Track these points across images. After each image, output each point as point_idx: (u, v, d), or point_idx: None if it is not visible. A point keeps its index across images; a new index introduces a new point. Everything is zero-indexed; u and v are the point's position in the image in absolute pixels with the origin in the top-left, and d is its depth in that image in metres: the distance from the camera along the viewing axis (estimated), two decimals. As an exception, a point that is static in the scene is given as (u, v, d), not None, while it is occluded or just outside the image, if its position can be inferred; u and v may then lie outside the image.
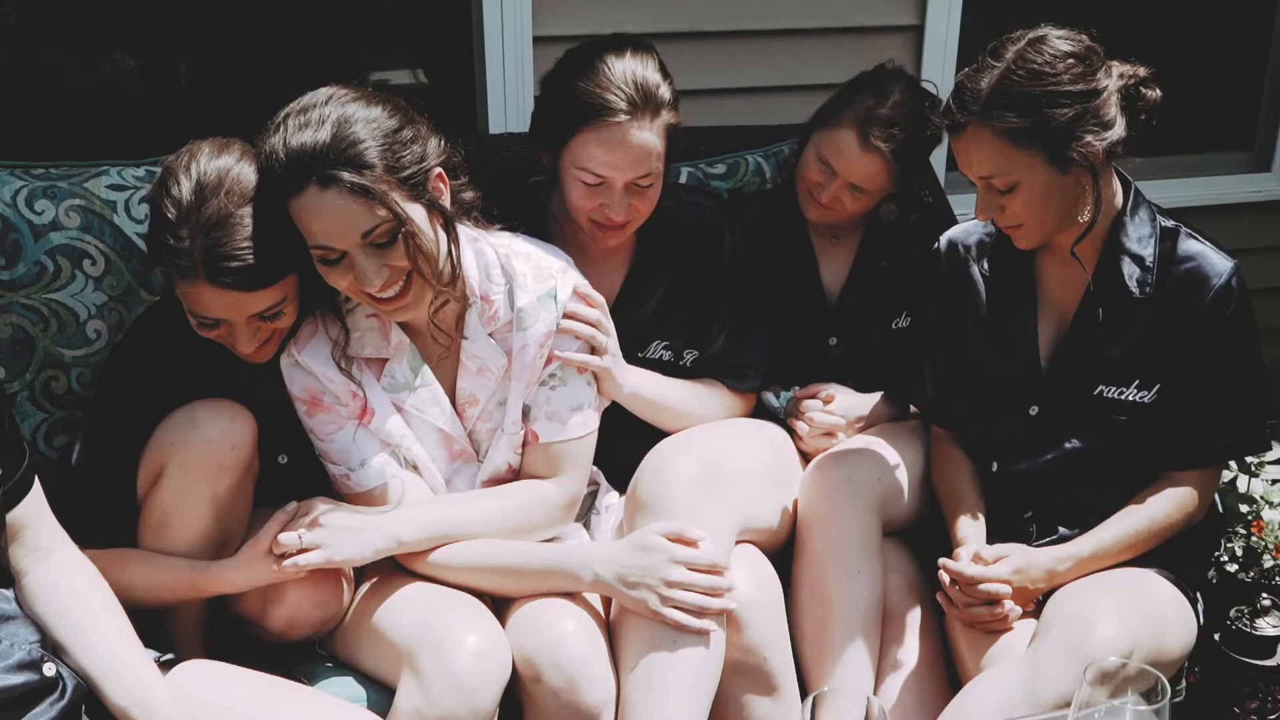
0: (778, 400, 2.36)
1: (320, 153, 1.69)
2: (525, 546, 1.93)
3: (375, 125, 1.74)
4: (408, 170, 1.75)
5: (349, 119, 1.72)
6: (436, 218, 1.82)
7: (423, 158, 1.79)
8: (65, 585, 1.70)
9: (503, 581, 1.90)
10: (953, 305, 2.13)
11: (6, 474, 1.64)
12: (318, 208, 1.71)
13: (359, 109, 1.74)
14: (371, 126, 1.73)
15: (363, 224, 1.72)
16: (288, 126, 1.72)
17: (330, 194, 1.70)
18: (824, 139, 2.27)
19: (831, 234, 2.45)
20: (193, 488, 1.83)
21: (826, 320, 2.43)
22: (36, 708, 1.57)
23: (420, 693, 1.72)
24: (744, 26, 2.91)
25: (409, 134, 1.78)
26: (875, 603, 2.01)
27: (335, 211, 1.71)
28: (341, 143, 1.70)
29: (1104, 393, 1.98)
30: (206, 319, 1.82)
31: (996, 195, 1.90)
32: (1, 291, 2.09)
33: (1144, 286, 1.95)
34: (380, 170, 1.72)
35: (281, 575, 1.82)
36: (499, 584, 1.91)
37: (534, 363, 1.97)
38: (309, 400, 1.93)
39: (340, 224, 1.72)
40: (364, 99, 1.77)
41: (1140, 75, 1.89)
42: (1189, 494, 1.98)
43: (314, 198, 1.71)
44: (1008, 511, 2.07)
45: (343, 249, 1.75)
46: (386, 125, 1.75)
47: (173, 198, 1.75)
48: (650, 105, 2.01)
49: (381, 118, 1.75)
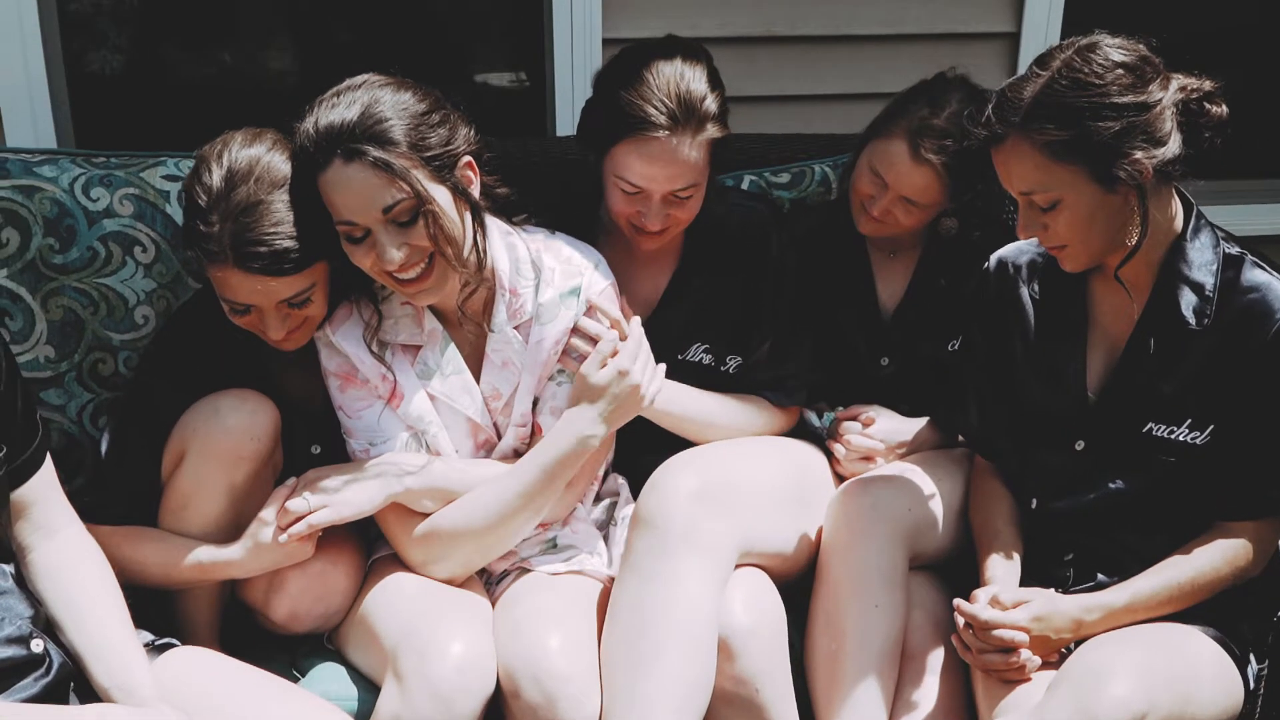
0: (819, 421, 2.27)
1: (347, 129, 1.73)
2: (514, 473, 1.92)
3: (403, 107, 1.77)
4: (433, 151, 1.78)
5: (377, 100, 1.76)
6: (462, 203, 1.83)
7: (449, 141, 1.81)
8: (66, 564, 1.74)
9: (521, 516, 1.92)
10: (999, 329, 2.00)
11: (13, 453, 1.69)
12: (342, 181, 1.74)
13: (389, 93, 1.78)
14: (399, 108, 1.77)
15: (384, 199, 1.74)
16: (320, 107, 1.77)
17: (354, 168, 1.73)
18: (876, 150, 2.18)
19: (889, 249, 2.34)
20: (211, 475, 1.86)
21: (879, 338, 2.33)
22: (21, 681, 1.61)
23: (400, 697, 1.70)
24: (823, 31, 2.82)
25: (437, 118, 1.80)
26: (892, 639, 1.91)
27: (358, 185, 1.74)
28: (368, 120, 1.74)
29: (1153, 431, 1.83)
30: (237, 305, 1.85)
31: (1039, 213, 1.77)
32: (54, 274, 2.16)
33: (1202, 317, 1.79)
34: (404, 148, 1.75)
35: (288, 551, 1.84)
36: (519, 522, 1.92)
37: (547, 358, 1.96)
38: (342, 376, 1.95)
39: (362, 198, 1.74)
40: (395, 84, 1.81)
41: (1205, 89, 1.74)
42: (1242, 546, 1.81)
43: (338, 171, 1.74)
44: (1047, 553, 1.94)
45: (366, 225, 1.77)
46: (415, 108, 1.78)
47: (204, 184, 1.79)
48: (693, 120, 1.96)
49: (411, 101, 1.79)
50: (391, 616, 1.82)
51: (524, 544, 2.02)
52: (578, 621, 1.83)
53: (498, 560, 2.02)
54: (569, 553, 2.02)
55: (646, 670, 1.74)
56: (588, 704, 1.73)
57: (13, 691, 1.59)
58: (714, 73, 2.06)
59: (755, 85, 2.83)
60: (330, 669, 1.91)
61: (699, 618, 1.78)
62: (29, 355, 2.17)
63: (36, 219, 2.15)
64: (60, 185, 2.17)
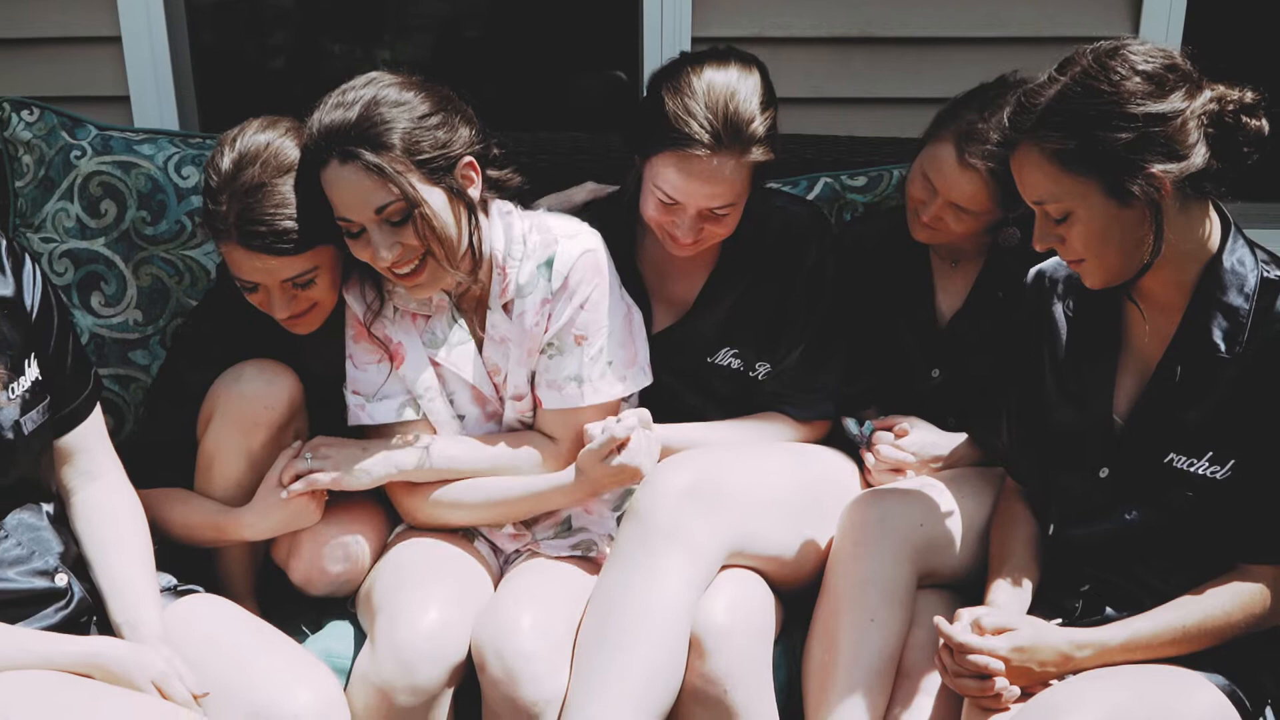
0: (858, 429, 2.22)
1: (345, 131, 1.81)
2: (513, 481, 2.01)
3: (402, 109, 1.83)
4: (427, 155, 1.83)
5: (378, 101, 1.82)
6: (458, 204, 1.87)
7: (447, 144, 1.85)
8: (101, 508, 1.89)
9: (498, 511, 2.03)
10: (1031, 345, 1.92)
11: (59, 403, 1.85)
12: (338, 181, 1.83)
13: (393, 93, 1.84)
14: (398, 110, 1.82)
15: (376, 200, 1.82)
16: (326, 104, 1.85)
17: (349, 169, 1.81)
18: (927, 154, 2.12)
19: (952, 257, 2.27)
20: (229, 438, 1.99)
21: (933, 349, 2.26)
22: (43, 611, 1.76)
23: (370, 658, 1.79)
24: (922, 33, 2.73)
25: (436, 121, 1.85)
26: (886, 655, 1.85)
27: (352, 186, 1.82)
28: (364, 123, 1.80)
29: (1174, 462, 1.72)
30: (246, 282, 1.96)
31: (1053, 224, 1.69)
32: (145, 245, 2.35)
33: (1233, 344, 1.67)
34: (399, 152, 1.81)
35: (294, 510, 1.96)
36: (495, 514, 2.04)
37: (532, 330, 1.99)
38: (358, 326, 2.04)
39: (356, 198, 1.82)
40: (401, 85, 1.87)
41: (1244, 101, 1.61)
42: (1258, 592, 1.67)
43: (335, 171, 1.83)
44: (1062, 582, 1.84)
45: (360, 223, 1.84)
46: (415, 110, 1.84)
47: (216, 166, 1.92)
48: (736, 142, 1.93)
49: (412, 103, 1.84)
50: (383, 583, 1.91)
51: (538, 523, 2.07)
52: (560, 604, 1.87)
53: (509, 540, 2.08)
54: (579, 535, 2.06)
55: (610, 656, 1.76)
56: (548, 683, 1.76)
57: (34, 619, 1.75)
58: (768, 91, 2.01)
59: (848, 87, 2.78)
60: (339, 628, 2.01)
61: (670, 612, 1.79)
62: (120, 318, 2.36)
63: (132, 193, 2.34)
64: (155, 162, 2.36)
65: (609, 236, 2.09)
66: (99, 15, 2.69)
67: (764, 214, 2.14)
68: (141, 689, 1.65)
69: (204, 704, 1.68)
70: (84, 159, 2.34)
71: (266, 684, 1.71)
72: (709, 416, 2.15)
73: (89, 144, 2.36)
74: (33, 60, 2.71)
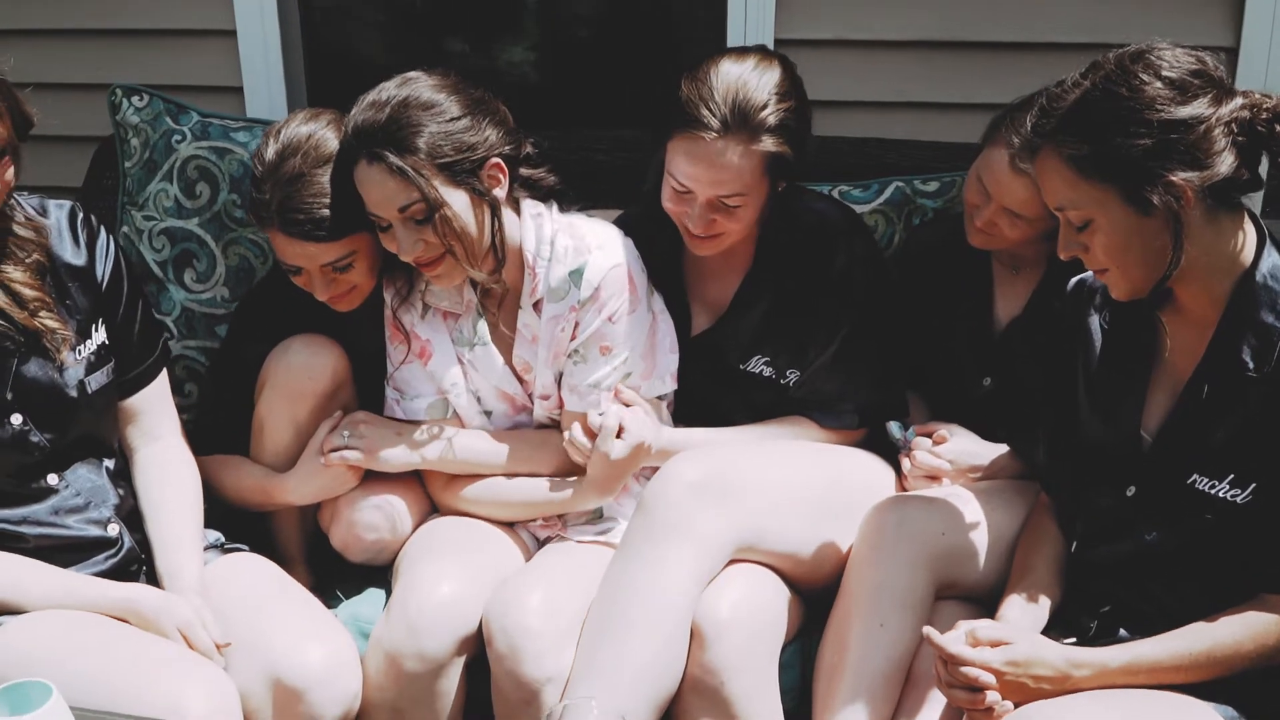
0: (901, 433, 2.19)
1: (373, 132, 1.89)
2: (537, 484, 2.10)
3: (431, 112, 1.90)
4: (451, 158, 1.90)
5: (408, 104, 1.90)
6: (481, 205, 1.94)
7: (472, 147, 1.92)
8: (158, 465, 2.04)
9: (523, 510, 2.13)
10: (1066, 356, 1.87)
11: (124, 367, 2.00)
12: (366, 180, 1.92)
13: (424, 95, 1.91)
14: (426, 114, 1.89)
15: (399, 200, 1.90)
16: (363, 103, 1.94)
17: (375, 169, 1.90)
18: (982, 159, 2.09)
19: (1012, 264, 2.22)
20: (277, 406, 2.11)
21: (985, 356, 2.21)
22: (95, 557, 1.92)
23: (385, 624, 1.87)
24: (1009, 38, 2.67)
25: (464, 124, 1.92)
26: (894, 661, 1.83)
27: (378, 185, 1.91)
28: (392, 125, 1.88)
29: (1196, 483, 1.65)
30: (289, 265, 2.07)
31: (1075, 232, 1.65)
32: (234, 226, 2.50)
33: (1263, 362, 1.60)
34: (423, 155, 1.88)
35: (332, 476, 2.08)
36: (520, 514, 2.14)
37: (559, 335, 2.04)
38: (393, 325, 2.13)
39: (381, 197, 1.91)
40: (435, 86, 1.93)
41: (1278, 109, 1.55)
42: (1273, 623, 1.59)
43: (364, 170, 1.92)
44: (1083, 601, 1.79)
45: (386, 219, 1.93)
46: (443, 114, 1.90)
47: (261, 156, 2.03)
48: (745, 128, 1.92)
49: (442, 105, 1.91)
50: (411, 553, 2.00)
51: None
52: (574, 587, 1.91)
53: (541, 527, 2.14)
54: (607, 524, 2.11)
55: (609, 641, 1.79)
56: (548, 662, 1.81)
57: (86, 564, 1.90)
58: (789, 85, 1.98)
59: (931, 91, 2.73)
60: (374, 595, 2.11)
61: (671, 602, 1.81)
62: (209, 294, 2.51)
63: (225, 177, 2.49)
64: (248, 150, 2.50)
65: (656, 233, 2.12)
66: (216, 9, 2.88)
67: (795, 214, 2.11)
68: (169, 635, 1.78)
69: (225, 654, 1.79)
70: (184, 143, 2.51)
71: (283, 639, 1.82)
72: (741, 423, 2.15)
73: (190, 129, 2.52)
74: (154, 51, 2.92)
